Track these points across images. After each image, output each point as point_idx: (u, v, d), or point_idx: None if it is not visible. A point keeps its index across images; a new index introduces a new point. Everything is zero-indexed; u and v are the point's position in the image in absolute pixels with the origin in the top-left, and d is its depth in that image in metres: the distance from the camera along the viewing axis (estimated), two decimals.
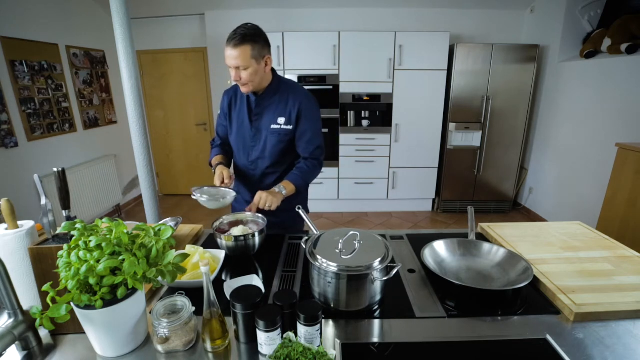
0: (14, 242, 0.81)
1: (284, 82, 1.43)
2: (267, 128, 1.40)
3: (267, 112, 1.40)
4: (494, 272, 1.04)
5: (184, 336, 0.75)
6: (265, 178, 1.47)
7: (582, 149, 3.12)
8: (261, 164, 1.45)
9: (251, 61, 1.25)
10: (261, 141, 1.42)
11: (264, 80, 1.35)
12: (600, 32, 3.02)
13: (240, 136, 1.46)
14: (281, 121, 1.39)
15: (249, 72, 1.26)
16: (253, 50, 1.24)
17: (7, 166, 2.67)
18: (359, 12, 3.81)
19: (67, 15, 3.28)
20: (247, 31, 1.23)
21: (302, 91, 1.44)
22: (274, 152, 1.42)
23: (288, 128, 1.40)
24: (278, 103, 1.39)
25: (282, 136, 1.40)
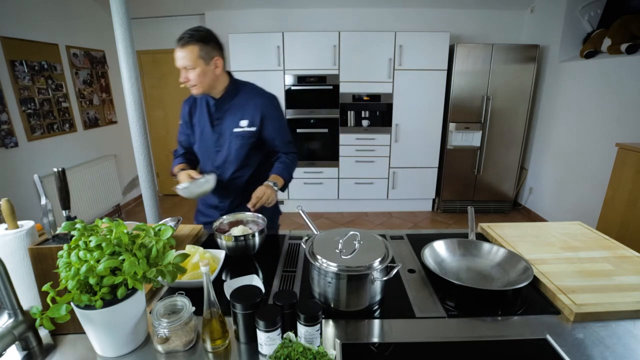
0: (14, 242, 0.81)
1: (243, 85, 1.42)
2: (230, 131, 1.38)
3: (228, 116, 1.39)
4: (494, 272, 1.04)
5: (184, 336, 0.75)
6: (233, 182, 1.45)
7: (582, 149, 3.12)
8: (227, 168, 1.43)
9: (198, 61, 1.24)
10: (225, 145, 1.40)
11: (218, 83, 1.34)
12: (600, 32, 3.02)
13: (203, 142, 1.44)
14: (244, 124, 1.38)
15: (196, 73, 1.25)
16: (200, 50, 1.24)
17: (7, 166, 2.67)
18: (359, 12, 3.81)
19: (67, 15, 3.28)
20: (195, 32, 1.23)
21: (263, 92, 1.44)
22: (238, 155, 1.41)
23: (252, 130, 1.38)
24: (239, 106, 1.39)
25: (245, 139, 1.39)
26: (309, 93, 3.62)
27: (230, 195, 1.47)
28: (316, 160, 3.83)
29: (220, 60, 1.31)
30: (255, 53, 3.50)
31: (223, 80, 1.36)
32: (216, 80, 1.33)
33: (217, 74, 1.32)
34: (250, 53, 3.50)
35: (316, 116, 3.69)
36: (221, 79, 1.35)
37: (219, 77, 1.33)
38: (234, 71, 3.52)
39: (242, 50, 3.50)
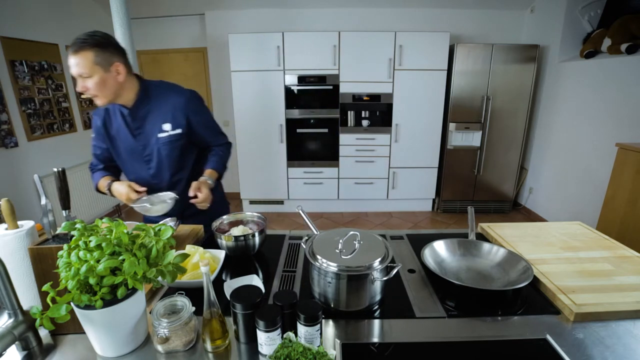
0: (14, 242, 0.81)
1: (155, 86, 1.33)
2: (155, 138, 1.31)
3: (148, 122, 1.31)
4: (494, 272, 1.04)
5: (184, 336, 0.75)
6: (174, 187, 1.40)
7: (582, 149, 3.12)
8: (163, 176, 1.38)
9: (95, 68, 1.13)
10: (154, 154, 1.34)
11: (125, 90, 1.24)
12: (600, 32, 3.02)
13: (129, 155, 1.36)
14: (167, 127, 1.31)
15: (94, 81, 1.15)
16: (96, 56, 1.13)
17: (7, 166, 2.67)
18: (359, 12, 3.81)
19: (67, 15, 3.28)
20: (88, 37, 1.12)
21: (180, 90, 1.36)
22: (171, 160, 1.35)
23: (178, 132, 1.32)
24: (157, 109, 1.30)
25: (173, 142, 1.33)
26: (309, 93, 3.62)
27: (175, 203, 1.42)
28: (316, 160, 3.83)
29: (121, 66, 1.20)
30: (255, 53, 3.50)
31: (131, 86, 1.26)
32: (121, 87, 1.22)
33: (121, 81, 1.21)
34: (250, 53, 3.50)
35: (316, 116, 3.69)
36: (128, 85, 1.25)
37: (124, 84, 1.22)
38: (234, 71, 3.55)
39: (242, 50, 3.50)
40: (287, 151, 3.80)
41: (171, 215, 1.43)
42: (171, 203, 1.29)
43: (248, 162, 3.85)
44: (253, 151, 3.81)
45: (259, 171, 3.88)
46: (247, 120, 3.72)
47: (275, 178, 3.89)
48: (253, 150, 3.81)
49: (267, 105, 3.65)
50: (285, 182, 3.91)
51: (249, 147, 3.80)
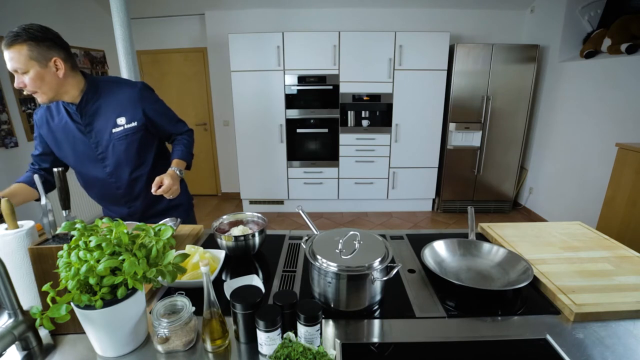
0: (14, 242, 0.81)
1: (104, 82, 1.29)
2: (108, 134, 1.27)
3: (99, 118, 1.26)
4: (494, 272, 1.04)
5: (184, 336, 0.75)
6: (134, 185, 1.36)
7: (582, 149, 3.12)
8: (121, 173, 1.33)
9: (30, 63, 1.08)
10: (109, 151, 1.29)
11: (68, 87, 1.18)
12: (600, 32, 3.02)
13: (80, 154, 1.30)
14: (121, 121, 1.27)
15: (31, 77, 1.09)
16: (31, 51, 1.07)
17: (7, 166, 2.67)
18: (359, 12, 3.81)
19: (67, 15, 3.29)
20: (23, 30, 1.06)
21: (131, 83, 1.32)
22: (128, 156, 1.31)
23: (133, 125, 1.28)
24: (108, 104, 1.26)
25: (130, 136, 1.29)
26: (309, 93, 3.62)
27: (138, 200, 1.40)
28: (316, 160, 3.84)
29: (60, 61, 1.14)
30: (255, 53, 3.50)
31: (75, 82, 1.20)
32: (63, 84, 1.16)
33: (61, 77, 1.15)
34: (250, 53, 3.50)
35: (316, 116, 3.69)
36: (71, 81, 1.19)
37: (65, 80, 1.17)
38: (234, 71, 3.55)
39: (242, 50, 3.50)
40: (287, 151, 3.80)
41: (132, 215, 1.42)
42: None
43: (248, 162, 3.85)
44: (253, 151, 3.81)
45: (259, 171, 3.88)
46: (247, 120, 3.72)
47: (275, 178, 3.90)
48: (253, 150, 3.81)
49: (267, 105, 3.66)
50: (285, 182, 3.91)
51: (249, 147, 3.80)
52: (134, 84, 1.32)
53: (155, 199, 1.36)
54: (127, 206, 1.40)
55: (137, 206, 1.41)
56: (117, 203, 1.40)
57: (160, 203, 1.43)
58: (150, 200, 1.39)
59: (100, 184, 1.35)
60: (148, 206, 1.42)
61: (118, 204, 1.41)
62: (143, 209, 1.42)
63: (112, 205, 1.43)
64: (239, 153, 3.81)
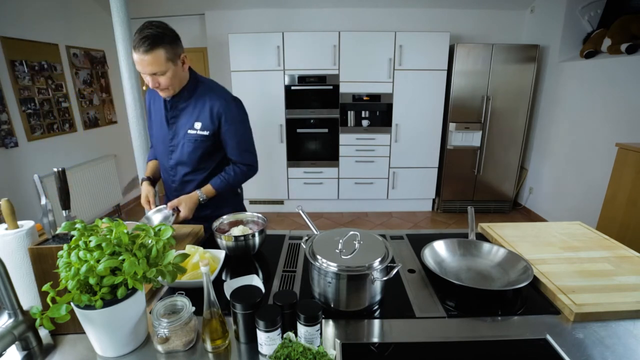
0: (14, 242, 0.81)
1: (202, 83, 1.32)
2: (184, 132, 1.32)
3: (184, 116, 1.31)
4: (494, 272, 1.04)
5: (184, 336, 0.75)
6: (185, 185, 1.40)
7: (582, 149, 3.12)
8: (180, 170, 1.38)
9: (168, 64, 1.14)
10: (178, 146, 1.34)
11: (183, 81, 1.26)
12: (600, 32, 3.02)
13: (159, 138, 1.39)
14: (197, 126, 1.30)
15: (167, 77, 1.15)
16: (167, 52, 1.12)
17: (7, 166, 2.67)
18: (359, 12, 3.81)
19: (67, 15, 3.28)
20: (156, 32, 1.10)
21: (222, 94, 1.32)
22: (191, 158, 1.35)
23: (204, 134, 1.30)
24: (194, 106, 1.30)
25: (198, 142, 1.32)
26: (309, 93, 3.62)
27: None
28: (316, 160, 3.83)
29: (186, 56, 1.20)
30: (255, 53, 3.50)
31: (186, 75, 1.26)
32: (185, 76, 1.25)
33: (185, 71, 1.23)
34: (250, 53, 3.50)
35: (316, 116, 3.69)
36: (186, 75, 1.26)
37: (185, 72, 1.24)
38: (234, 71, 3.55)
39: (242, 50, 3.50)
40: (287, 151, 3.80)
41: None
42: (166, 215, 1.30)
43: None
44: None
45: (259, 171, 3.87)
46: None
47: (275, 178, 3.89)
48: None
49: (267, 105, 3.65)
50: (285, 182, 3.91)
51: None
52: (226, 96, 1.32)
53: (200, 206, 1.38)
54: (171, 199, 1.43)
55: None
56: (170, 195, 1.47)
57: (204, 210, 1.41)
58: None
59: (164, 171, 1.45)
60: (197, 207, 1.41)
61: (171, 195, 1.46)
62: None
63: (168, 192, 1.50)
64: None
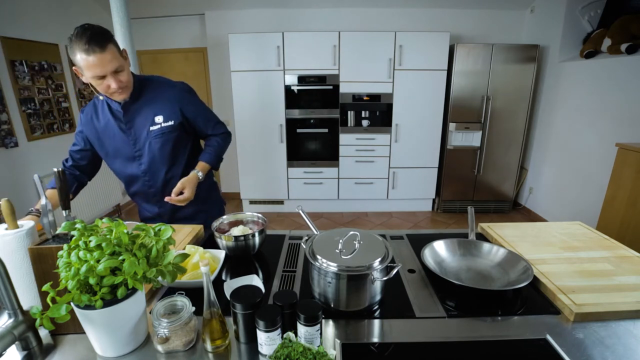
0: (14, 242, 0.81)
1: (145, 80, 1.31)
2: (146, 132, 1.28)
3: (139, 117, 1.28)
4: (494, 272, 1.04)
5: (184, 336, 0.75)
6: (168, 185, 1.36)
7: (582, 149, 3.12)
8: (156, 171, 1.34)
9: (120, 59, 1.12)
10: (144, 147, 1.30)
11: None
12: (600, 32, 3.02)
13: (118, 151, 1.32)
14: (159, 119, 1.28)
15: (127, 72, 1.14)
16: (116, 47, 1.10)
17: (7, 166, 2.67)
18: (359, 12, 3.81)
19: (67, 15, 3.28)
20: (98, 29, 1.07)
21: (172, 83, 1.35)
22: (163, 154, 1.32)
23: (170, 124, 1.29)
24: (148, 104, 1.28)
25: (166, 135, 1.30)
26: (309, 93, 3.62)
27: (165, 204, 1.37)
28: (316, 160, 3.83)
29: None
30: (255, 53, 3.50)
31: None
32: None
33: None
34: (250, 53, 3.50)
35: (316, 116, 3.69)
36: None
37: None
38: (234, 71, 3.55)
39: (242, 50, 3.50)
40: (287, 151, 3.80)
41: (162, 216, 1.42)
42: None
43: (248, 162, 3.85)
44: (253, 151, 3.81)
45: (259, 171, 3.88)
46: (247, 120, 3.72)
47: (275, 178, 3.89)
48: (253, 150, 3.81)
49: (267, 105, 3.65)
50: (285, 182, 3.91)
51: (249, 147, 3.80)
52: (174, 83, 1.34)
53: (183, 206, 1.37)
54: (157, 205, 1.42)
55: (168, 206, 1.39)
56: (150, 201, 1.43)
57: (189, 207, 1.40)
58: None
59: (135, 181, 1.37)
60: (177, 208, 1.40)
61: (150, 202, 1.43)
62: (172, 209, 1.42)
63: (145, 203, 1.45)
64: (239, 153, 3.81)
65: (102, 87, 1.13)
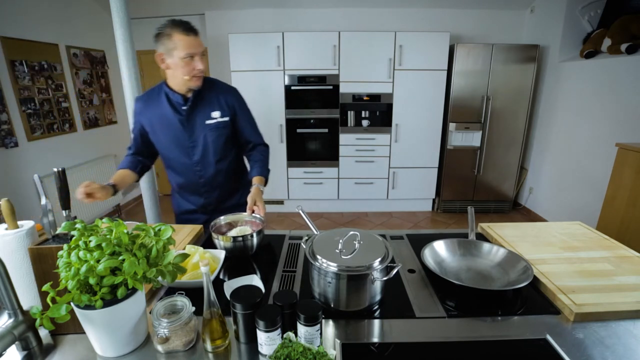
0: (14, 242, 0.81)
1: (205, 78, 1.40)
2: (202, 125, 1.37)
3: (199, 111, 1.37)
4: (494, 272, 1.04)
5: (184, 336, 0.75)
6: (217, 176, 1.45)
7: (582, 149, 3.12)
8: (208, 162, 1.42)
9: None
10: (200, 140, 1.38)
11: None
12: (600, 32, 3.02)
13: (173, 142, 1.39)
14: (216, 115, 1.38)
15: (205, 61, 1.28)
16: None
17: (7, 166, 2.67)
18: (359, 12, 3.81)
19: (67, 15, 3.28)
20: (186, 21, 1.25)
21: (227, 86, 1.46)
22: (216, 147, 1.41)
23: (225, 120, 1.40)
24: (207, 100, 1.38)
25: (220, 129, 1.40)
26: (309, 93, 3.62)
27: (215, 191, 1.47)
28: (316, 160, 3.83)
29: None
30: (255, 53, 3.50)
31: None
32: None
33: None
34: (250, 53, 3.50)
35: (316, 116, 3.69)
36: None
37: None
38: (234, 71, 3.55)
39: (242, 50, 3.50)
40: (287, 151, 3.80)
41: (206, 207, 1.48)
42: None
43: None
44: None
45: None
46: None
47: (275, 178, 3.89)
48: None
49: (267, 105, 3.65)
50: (285, 182, 3.91)
51: None
52: (230, 87, 1.47)
53: (230, 193, 1.48)
54: (204, 197, 1.47)
55: (214, 197, 1.48)
56: (196, 192, 1.48)
57: (232, 198, 1.50)
58: (226, 193, 1.49)
59: (186, 171, 1.43)
60: (223, 199, 1.49)
61: (197, 193, 1.48)
62: (218, 200, 1.49)
63: (190, 195, 1.50)
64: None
65: (188, 67, 1.24)
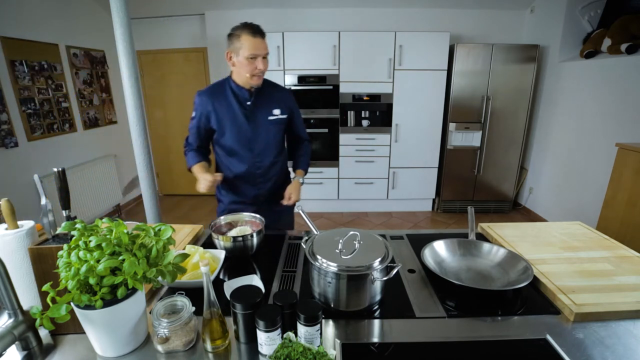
0: (14, 242, 0.81)
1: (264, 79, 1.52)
2: (265, 120, 1.48)
3: (261, 106, 1.47)
4: (494, 272, 1.04)
5: (184, 336, 0.75)
6: (273, 168, 1.57)
7: (582, 149, 3.12)
8: (267, 155, 1.53)
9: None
10: (262, 134, 1.49)
11: None
12: (600, 32, 3.02)
13: (238, 134, 1.47)
14: (277, 112, 1.50)
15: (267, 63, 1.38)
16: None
17: (7, 166, 2.67)
18: (359, 12, 3.81)
19: (67, 15, 3.28)
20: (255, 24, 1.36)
21: (282, 87, 1.59)
22: (276, 141, 1.54)
23: (284, 117, 1.53)
24: (270, 97, 1.50)
25: (280, 125, 1.53)
26: (309, 93, 3.62)
27: (269, 182, 1.57)
28: (316, 160, 3.83)
29: None
30: None
31: None
32: None
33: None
34: None
35: (316, 116, 3.69)
36: None
37: None
38: None
39: None
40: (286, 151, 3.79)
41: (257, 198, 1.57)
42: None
43: None
44: None
45: None
46: None
47: None
48: None
49: None
50: None
51: None
52: (285, 88, 1.62)
53: (281, 185, 1.59)
54: (257, 187, 1.56)
55: (266, 188, 1.58)
56: (251, 182, 1.55)
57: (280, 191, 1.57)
58: (277, 185, 1.59)
59: (244, 161, 1.51)
60: (274, 190, 1.58)
61: (252, 183, 1.55)
62: (270, 191, 1.58)
63: (244, 185, 1.56)
64: None
65: (251, 66, 1.35)
